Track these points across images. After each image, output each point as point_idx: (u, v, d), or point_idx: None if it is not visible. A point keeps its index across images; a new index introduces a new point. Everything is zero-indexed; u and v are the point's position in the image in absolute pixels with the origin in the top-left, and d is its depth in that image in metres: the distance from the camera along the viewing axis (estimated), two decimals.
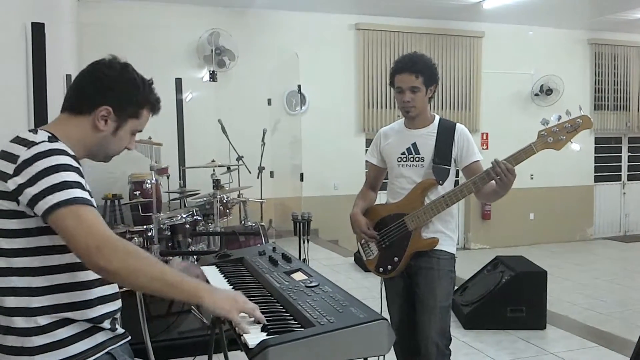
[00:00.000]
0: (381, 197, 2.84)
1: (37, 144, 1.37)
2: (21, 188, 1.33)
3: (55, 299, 1.40)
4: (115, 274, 1.33)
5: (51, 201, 1.31)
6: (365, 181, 2.89)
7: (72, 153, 1.42)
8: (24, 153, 1.35)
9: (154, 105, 1.59)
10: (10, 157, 1.37)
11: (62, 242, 1.36)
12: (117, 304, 1.54)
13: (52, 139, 1.42)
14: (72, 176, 1.35)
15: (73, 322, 1.42)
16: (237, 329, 1.41)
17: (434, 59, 2.67)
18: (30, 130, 1.45)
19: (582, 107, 2.39)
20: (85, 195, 1.36)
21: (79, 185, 1.36)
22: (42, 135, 1.41)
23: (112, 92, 1.50)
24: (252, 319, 1.43)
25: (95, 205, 1.40)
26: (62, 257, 1.40)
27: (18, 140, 1.41)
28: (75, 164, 1.39)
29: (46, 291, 1.39)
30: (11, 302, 1.39)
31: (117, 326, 1.56)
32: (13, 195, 1.34)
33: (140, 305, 2.59)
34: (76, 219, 1.31)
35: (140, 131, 1.61)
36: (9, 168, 1.35)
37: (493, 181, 2.40)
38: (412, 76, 2.51)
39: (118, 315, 1.57)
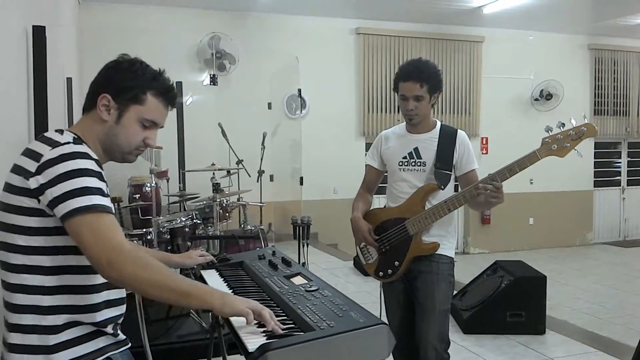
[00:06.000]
0: (375, 202, 2.84)
1: (61, 144, 1.38)
2: (42, 188, 1.34)
3: (65, 299, 1.40)
4: (127, 284, 1.37)
5: (71, 206, 1.32)
6: (362, 184, 2.87)
7: (95, 157, 1.43)
8: (47, 152, 1.37)
9: (162, 93, 1.55)
10: (33, 155, 1.38)
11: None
12: (122, 309, 1.54)
13: (77, 140, 1.43)
14: (93, 182, 1.36)
15: (79, 324, 1.42)
16: (239, 332, 1.40)
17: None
18: (56, 131, 1.47)
19: (585, 116, 2.40)
20: (104, 202, 1.37)
21: (99, 191, 1.36)
22: (67, 136, 1.43)
23: (110, 79, 1.52)
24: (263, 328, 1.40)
25: (113, 212, 1.41)
26: (75, 258, 1.40)
27: (43, 139, 1.42)
28: (97, 168, 1.40)
29: (57, 291, 1.40)
30: (20, 299, 1.40)
31: (119, 332, 1.56)
32: (34, 194, 1.35)
33: (139, 308, 2.58)
34: (91, 228, 1.32)
35: (157, 124, 1.57)
36: (32, 166, 1.37)
37: None
38: (417, 85, 2.51)
39: (120, 321, 1.57)
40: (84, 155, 1.38)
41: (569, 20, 8.88)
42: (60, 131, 1.46)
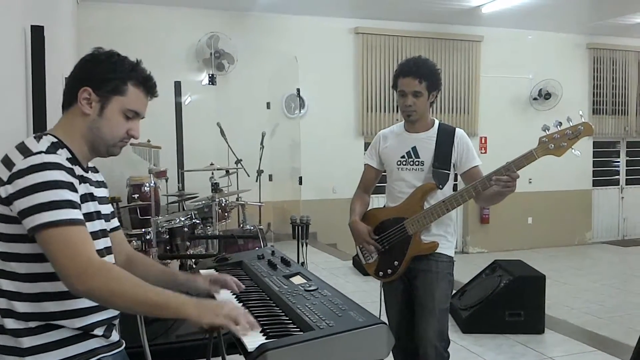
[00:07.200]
0: (374, 201, 2.83)
1: (33, 154, 1.35)
2: (11, 198, 1.33)
3: (42, 306, 1.39)
4: (95, 297, 1.34)
5: (37, 220, 1.30)
6: (359, 184, 2.85)
7: (69, 165, 1.40)
8: (19, 162, 1.34)
9: (142, 83, 1.54)
10: (8, 163, 1.37)
11: None
12: (113, 312, 1.51)
13: (51, 149, 1.40)
14: (61, 194, 1.33)
15: (62, 327, 1.41)
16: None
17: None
18: (35, 136, 1.44)
19: (582, 114, 2.40)
20: (73, 214, 1.34)
21: (67, 203, 1.34)
22: (43, 143, 1.40)
23: (89, 72, 1.50)
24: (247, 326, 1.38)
25: (84, 223, 1.37)
26: (50, 266, 1.37)
27: (19, 147, 1.40)
28: (68, 178, 1.37)
29: (33, 298, 1.38)
30: (2, 303, 1.39)
31: (113, 333, 1.54)
32: (5, 202, 1.34)
33: None
34: (59, 242, 1.30)
35: (138, 114, 1.55)
36: (5, 174, 1.35)
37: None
38: (416, 81, 2.51)
39: (115, 322, 1.55)
40: (55, 166, 1.35)
41: (567, 19, 8.89)
42: (39, 137, 1.44)
